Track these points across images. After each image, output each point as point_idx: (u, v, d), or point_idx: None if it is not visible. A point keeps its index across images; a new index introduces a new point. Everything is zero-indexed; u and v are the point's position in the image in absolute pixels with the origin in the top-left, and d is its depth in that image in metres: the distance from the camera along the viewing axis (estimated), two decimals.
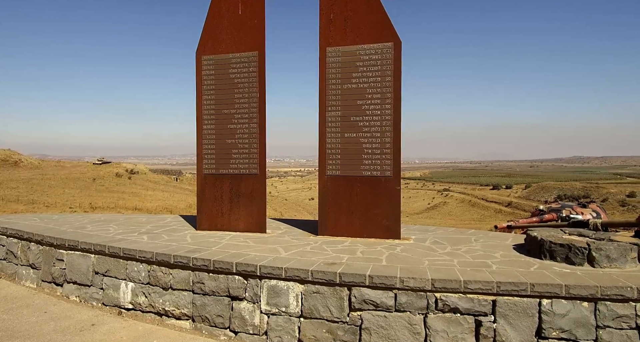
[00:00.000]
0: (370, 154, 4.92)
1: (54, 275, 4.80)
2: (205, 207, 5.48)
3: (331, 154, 5.06)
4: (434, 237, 5.02)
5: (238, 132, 5.38)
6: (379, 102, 4.92)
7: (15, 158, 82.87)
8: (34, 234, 5.05)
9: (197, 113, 5.54)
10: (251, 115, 5.34)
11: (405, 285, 3.28)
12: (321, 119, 5.10)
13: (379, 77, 4.93)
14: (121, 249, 4.31)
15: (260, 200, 5.29)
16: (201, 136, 5.54)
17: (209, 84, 5.50)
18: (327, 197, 5.06)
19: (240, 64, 5.37)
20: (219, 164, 5.46)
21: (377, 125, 4.92)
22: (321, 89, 5.10)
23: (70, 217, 6.57)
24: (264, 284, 3.67)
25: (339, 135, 5.05)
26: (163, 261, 4.07)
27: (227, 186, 5.41)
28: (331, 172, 5.06)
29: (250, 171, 5.33)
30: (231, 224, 5.38)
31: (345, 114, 5.02)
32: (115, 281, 4.35)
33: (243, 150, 5.36)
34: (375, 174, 4.90)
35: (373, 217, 4.90)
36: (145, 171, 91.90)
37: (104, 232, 5.24)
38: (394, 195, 4.84)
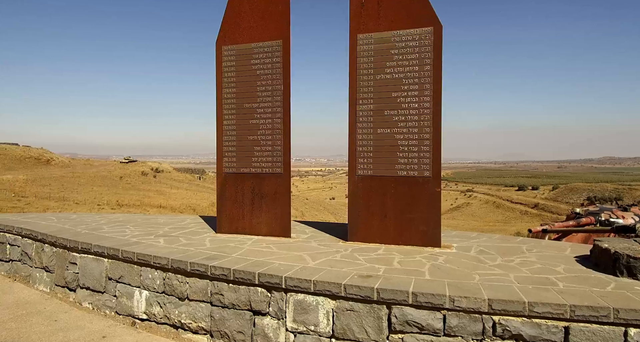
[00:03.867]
0: (407, 151, 4.42)
1: (67, 279, 4.52)
2: (226, 208, 5.11)
3: (362, 151, 4.59)
4: (478, 245, 4.47)
5: (261, 128, 4.98)
6: (416, 94, 4.41)
7: (48, 156, 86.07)
8: (48, 235, 4.80)
9: (216, 108, 5.18)
10: (275, 110, 4.92)
11: (456, 305, 2.77)
12: (351, 113, 4.64)
13: (417, 66, 4.42)
14: (135, 253, 3.97)
15: (284, 202, 4.87)
16: (221, 132, 5.17)
17: (230, 76, 5.12)
18: (358, 200, 4.59)
19: (263, 54, 4.96)
20: (240, 162, 5.07)
21: (414, 119, 4.41)
22: (351, 81, 4.64)
23: (88, 217, 6.35)
24: (290, 298, 3.23)
25: (371, 131, 4.56)
26: (179, 269, 3.70)
27: (248, 186, 5.02)
28: (362, 172, 4.58)
29: (273, 170, 4.92)
30: (253, 228, 4.99)
31: (378, 108, 4.53)
32: (129, 289, 4.02)
33: (266, 147, 4.95)
34: (412, 174, 4.39)
35: (409, 222, 4.39)
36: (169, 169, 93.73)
37: (119, 234, 4.94)
38: (434, 197, 4.32)
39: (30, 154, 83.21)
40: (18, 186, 52.19)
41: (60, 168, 78.98)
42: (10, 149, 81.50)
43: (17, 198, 41.08)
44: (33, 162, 79.27)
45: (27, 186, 53.68)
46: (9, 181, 55.13)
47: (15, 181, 55.95)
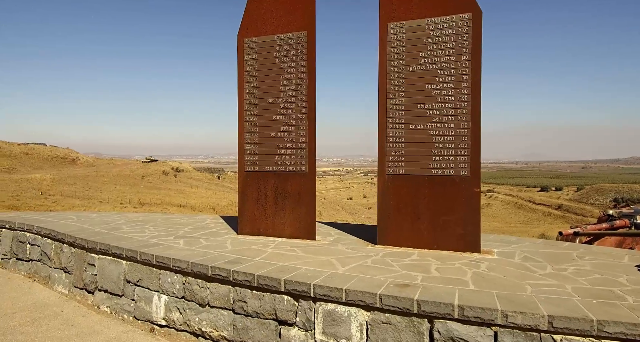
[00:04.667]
0: (442, 148, 4.08)
1: (85, 281, 4.38)
2: (247, 208, 4.88)
3: (393, 149, 4.27)
4: (521, 250, 4.09)
5: (284, 124, 4.72)
6: (452, 87, 4.06)
7: (73, 156, 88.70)
8: (66, 235, 4.67)
9: (238, 103, 4.95)
10: (299, 105, 4.66)
11: (510, 321, 2.44)
12: (381, 107, 4.33)
13: (453, 56, 4.07)
14: (154, 256, 3.78)
15: (309, 201, 4.60)
16: (243, 129, 4.94)
17: (252, 70, 4.88)
18: (388, 200, 4.28)
19: (287, 47, 4.70)
20: (262, 160, 4.83)
21: (450, 114, 4.07)
22: (381, 73, 4.33)
23: (108, 216, 6.24)
24: (319, 307, 2.96)
25: (403, 126, 4.24)
26: (199, 273, 3.48)
27: (271, 185, 4.77)
28: (393, 171, 4.27)
29: (297, 168, 4.65)
30: (276, 229, 4.73)
31: (410, 102, 4.21)
32: (148, 293, 3.83)
33: (290, 144, 4.69)
34: (449, 172, 4.05)
35: (445, 224, 4.05)
36: (189, 169, 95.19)
37: (138, 234, 4.78)
38: (472, 198, 3.97)
39: (57, 154, 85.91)
40: (45, 185, 53.89)
41: (85, 167, 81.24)
42: (38, 149, 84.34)
43: (44, 196, 42.37)
44: (59, 162, 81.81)
45: (53, 184, 55.38)
46: (37, 179, 56.99)
47: (43, 179, 57.80)
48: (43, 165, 75.90)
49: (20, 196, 40.20)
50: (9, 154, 75.42)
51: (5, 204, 32.29)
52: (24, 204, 33.91)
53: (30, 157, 78.71)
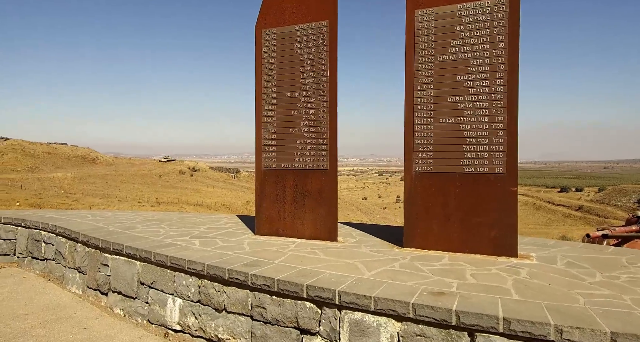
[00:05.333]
0: (475, 144, 3.78)
1: (99, 282, 4.23)
2: (265, 208, 4.66)
3: (421, 144, 3.98)
4: (562, 255, 3.75)
5: (304, 119, 4.49)
6: (487, 77, 3.76)
7: (94, 156, 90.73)
8: (80, 234, 4.54)
9: (256, 98, 4.73)
10: (320, 99, 4.42)
11: (565, 338, 2.14)
12: (407, 101, 4.05)
13: (488, 44, 3.76)
14: (168, 257, 3.59)
15: (330, 201, 4.35)
16: (261, 124, 4.72)
17: (270, 62, 4.66)
18: (416, 200, 4.00)
19: (307, 37, 4.47)
20: (281, 157, 4.61)
21: (484, 106, 3.76)
22: (408, 63, 4.05)
23: (124, 215, 6.13)
24: (344, 316, 2.71)
25: (432, 120, 3.95)
26: (216, 276, 3.27)
27: (290, 184, 4.54)
28: (421, 168, 3.98)
29: (318, 166, 4.41)
30: (295, 229, 4.51)
31: (440, 94, 3.92)
32: (162, 296, 3.65)
33: (310, 140, 4.45)
34: (482, 170, 3.74)
35: (477, 226, 3.75)
36: (205, 168, 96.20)
37: (153, 234, 4.62)
38: (508, 198, 3.66)
39: (77, 153, 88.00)
40: (67, 183, 55.20)
41: (104, 166, 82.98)
42: (60, 149, 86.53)
43: (65, 195, 43.34)
44: (80, 161, 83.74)
45: (74, 183, 56.69)
46: (58, 178, 58.44)
47: (64, 178, 59.25)
48: (64, 164, 77.80)
49: (42, 194, 41.20)
50: (32, 153, 77.58)
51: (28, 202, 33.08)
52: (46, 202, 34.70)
53: (53, 156, 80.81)
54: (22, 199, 33.98)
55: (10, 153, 73.83)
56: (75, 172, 66.32)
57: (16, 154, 74.31)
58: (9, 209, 23.81)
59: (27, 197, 36.00)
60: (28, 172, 63.41)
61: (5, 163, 68.06)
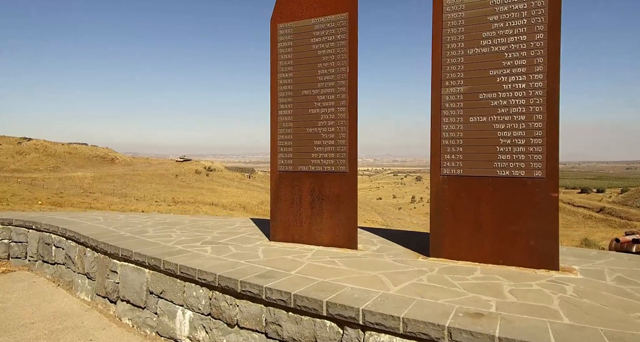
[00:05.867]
0: (510, 145, 3.44)
1: (108, 289, 4.05)
2: (281, 213, 4.41)
3: (449, 145, 3.67)
4: (610, 268, 3.38)
5: (322, 119, 4.22)
6: (524, 71, 3.41)
7: (112, 155, 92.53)
8: (89, 239, 4.38)
9: (271, 96, 4.49)
10: (338, 97, 4.14)
11: None
12: (434, 98, 3.73)
13: (525, 35, 3.42)
14: (178, 265, 3.37)
15: (350, 205, 4.07)
16: (276, 125, 4.47)
17: (286, 59, 4.40)
18: (443, 206, 3.68)
19: (325, 31, 4.20)
20: (297, 159, 4.35)
21: (520, 104, 3.42)
22: (435, 57, 3.73)
23: (136, 217, 5.98)
24: (369, 338, 2.42)
25: (461, 119, 3.63)
26: (227, 288, 3.03)
27: (307, 187, 4.28)
28: (449, 171, 3.66)
29: (336, 168, 4.13)
30: (312, 236, 4.24)
31: (470, 90, 3.59)
32: (171, 307, 3.43)
33: (328, 141, 4.18)
34: (518, 174, 3.40)
35: (513, 235, 3.41)
36: (221, 168, 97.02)
37: (164, 239, 4.42)
38: (549, 205, 3.31)
39: (97, 153, 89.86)
40: (86, 183, 56.34)
41: (123, 166, 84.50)
42: (80, 149, 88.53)
43: (85, 194, 44.18)
44: (99, 161, 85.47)
45: (94, 182, 57.83)
46: (78, 177, 59.74)
47: (84, 178, 60.52)
48: (84, 164, 79.48)
49: (63, 193, 42.08)
50: (54, 153, 79.55)
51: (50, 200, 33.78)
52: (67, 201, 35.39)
53: (73, 156, 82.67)
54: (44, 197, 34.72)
55: (33, 153, 75.87)
56: (94, 172, 67.68)
57: (39, 153, 76.32)
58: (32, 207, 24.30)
59: (49, 196, 36.78)
60: (50, 172, 65.04)
61: (28, 163, 69.96)
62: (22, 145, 79.21)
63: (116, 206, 34.34)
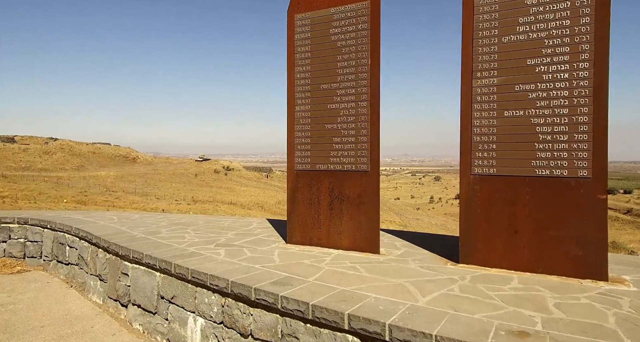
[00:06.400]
0: (550, 141, 3.11)
1: (119, 292, 3.91)
2: (297, 214, 4.18)
3: (481, 142, 3.36)
4: None
5: (342, 114, 3.97)
6: (566, 60, 3.08)
7: (134, 155, 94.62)
8: (101, 239, 4.25)
9: (287, 91, 4.26)
10: (359, 90, 3.88)
11: None
12: (464, 90, 3.43)
13: (568, 20, 3.08)
14: (189, 270, 3.18)
15: (371, 207, 3.80)
16: (293, 121, 4.24)
17: (304, 51, 4.17)
18: (474, 208, 3.37)
19: (346, 21, 3.94)
20: (315, 157, 4.11)
21: (562, 96, 3.08)
22: (465, 46, 3.43)
23: (150, 217, 5.86)
24: None
25: (495, 114, 3.32)
26: (241, 295, 2.81)
27: (325, 187, 4.03)
28: (481, 170, 3.35)
29: (357, 167, 3.88)
30: (331, 239, 3.99)
31: (505, 82, 3.28)
32: (183, 313, 3.25)
33: (348, 138, 3.93)
34: (560, 173, 3.07)
35: (554, 241, 3.08)
36: (239, 167, 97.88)
37: (177, 240, 4.26)
38: (595, 208, 2.97)
39: (119, 153, 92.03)
40: (109, 182, 57.70)
41: (144, 166, 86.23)
42: (103, 148, 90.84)
43: (108, 192, 45.20)
44: (122, 160, 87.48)
45: (116, 181, 59.17)
46: (102, 176, 61.26)
47: (107, 177, 62.01)
48: (107, 163, 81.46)
49: (87, 192, 43.14)
50: (79, 153, 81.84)
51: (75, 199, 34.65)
52: (90, 199, 36.24)
53: (97, 156, 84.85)
54: (70, 196, 35.63)
55: (59, 152, 78.24)
56: (117, 171, 69.25)
57: (64, 153, 78.65)
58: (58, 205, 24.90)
59: (74, 195, 37.74)
60: (75, 171, 66.92)
61: (54, 162, 72.19)
62: (49, 145, 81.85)
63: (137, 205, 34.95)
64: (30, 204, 25.31)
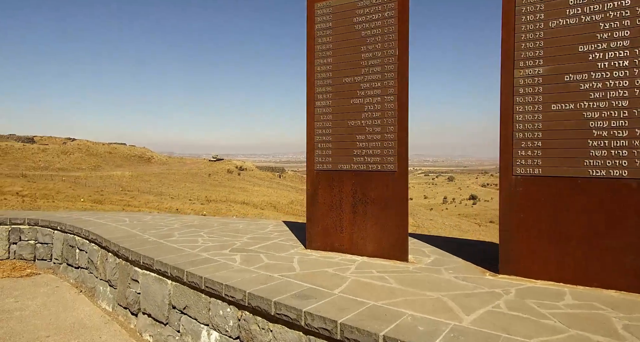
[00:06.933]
0: (607, 138, 2.75)
1: (129, 300, 3.69)
2: (318, 217, 3.88)
3: (524, 139, 3.01)
4: None
5: (366, 110, 3.66)
6: (627, 45, 2.71)
7: (149, 155, 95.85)
8: (111, 243, 4.04)
9: (307, 85, 3.98)
10: (386, 84, 3.57)
11: None
12: (505, 81, 3.09)
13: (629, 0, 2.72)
14: (202, 278, 2.92)
15: (399, 210, 3.49)
16: (313, 117, 3.95)
17: (325, 42, 3.88)
18: (516, 212, 3.03)
19: (371, 9, 3.63)
20: (337, 156, 3.81)
21: (621, 86, 2.72)
22: (505, 32, 3.09)
23: (163, 219, 5.65)
24: None
25: (541, 107, 2.97)
26: (259, 309, 2.54)
27: (348, 188, 3.73)
28: (524, 170, 3.01)
29: (383, 167, 3.57)
30: (354, 245, 3.69)
31: (553, 71, 2.92)
32: (195, 325, 2.99)
33: (373, 135, 3.62)
34: (619, 174, 2.71)
35: (612, 251, 2.72)
36: (252, 167, 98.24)
37: (190, 244, 4.01)
38: None
39: (134, 153, 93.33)
40: (125, 181, 58.47)
41: (159, 165, 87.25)
42: (119, 148, 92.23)
43: (124, 192, 45.75)
44: (137, 160, 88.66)
45: (132, 181, 59.95)
46: (118, 176, 62.13)
47: (123, 176, 62.88)
48: (123, 163, 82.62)
49: (104, 191, 43.70)
50: (95, 152, 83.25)
51: (91, 198, 35.10)
52: (106, 198, 36.68)
53: (113, 155, 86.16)
54: (86, 195, 36.10)
55: (77, 152, 79.69)
56: (132, 171, 70.18)
57: (81, 153, 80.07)
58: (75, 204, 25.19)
59: (91, 194, 38.27)
60: (91, 170, 68.06)
61: (72, 162, 73.56)
62: (67, 145, 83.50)
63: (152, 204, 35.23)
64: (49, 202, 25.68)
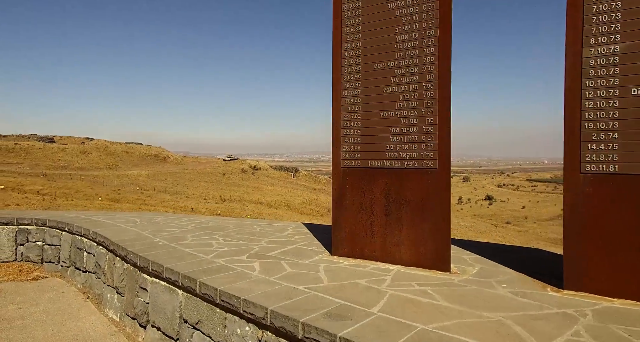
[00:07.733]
0: None
1: (137, 310, 3.34)
2: (345, 220, 3.47)
3: (595, 130, 2.54)
4: None
5: (401, 99, 3.23)
6: None
7: (165, 154, 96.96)
8: (119, 246, 3.71)
9: (333, 72, 3.57)
10: (425, 69, 3.13)
11: None
12: (571, 63, 2.62)
13: None
14: (217, 291, 2.54)
15: (440, 213, 3.04)
16: (339, 108, 3.54)
17: (353, 23, 3.46)
18: (585, 216, 2.56)
19: None
20: (367, 151, 3.39)
21: None
22: (571, 3, 2.62)
23: (176, 220, 5.32)
24: None
25: (616, 91, 2.49)
26: (284, 330, 2.14)
27: (380, 188, 3.31)
28: (595, 167, 2.53)
29: (421, 163, 3.13)
30: (387, 252, 3.26)
31: (631, 49, 2.44)
32: None
33: (409, 128, 3.19)
34: None
35: None
36: (266, 167, 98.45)
37: (203, 249, 3.65)
38: None
39: (151, 152, 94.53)
40: (141, 180, 59.18)
41: (174, 165, 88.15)
42: (136, 148, 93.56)
43: (140, 191, 46.23)
44: (153, 160, 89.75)
45: (148, 180, 60.64)
46: (134, 175, 62.93)
47: (139, 176, 63.67)
48: (140, 162, 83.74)
49: (120, 190, 44.19)
50: (113, 152, 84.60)
51: (109, 197, 35.47)
52: (123, 197, 37.03)
53: (130, 155, 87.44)
54: (104, 194, 36.49)
55: (95, 152, 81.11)
56: (148, 170, 71.02)
57: (99, 153, 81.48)
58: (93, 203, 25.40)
59: (108, 193, 38.69)
60: (109, 170, 69.15)
61: (90, 161, 74.89)
62: (85, 145, 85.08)
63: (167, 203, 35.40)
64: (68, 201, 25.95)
